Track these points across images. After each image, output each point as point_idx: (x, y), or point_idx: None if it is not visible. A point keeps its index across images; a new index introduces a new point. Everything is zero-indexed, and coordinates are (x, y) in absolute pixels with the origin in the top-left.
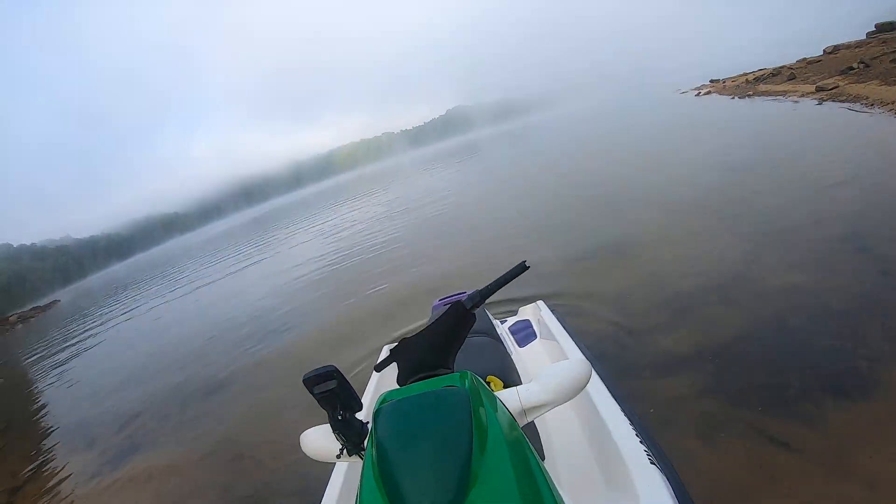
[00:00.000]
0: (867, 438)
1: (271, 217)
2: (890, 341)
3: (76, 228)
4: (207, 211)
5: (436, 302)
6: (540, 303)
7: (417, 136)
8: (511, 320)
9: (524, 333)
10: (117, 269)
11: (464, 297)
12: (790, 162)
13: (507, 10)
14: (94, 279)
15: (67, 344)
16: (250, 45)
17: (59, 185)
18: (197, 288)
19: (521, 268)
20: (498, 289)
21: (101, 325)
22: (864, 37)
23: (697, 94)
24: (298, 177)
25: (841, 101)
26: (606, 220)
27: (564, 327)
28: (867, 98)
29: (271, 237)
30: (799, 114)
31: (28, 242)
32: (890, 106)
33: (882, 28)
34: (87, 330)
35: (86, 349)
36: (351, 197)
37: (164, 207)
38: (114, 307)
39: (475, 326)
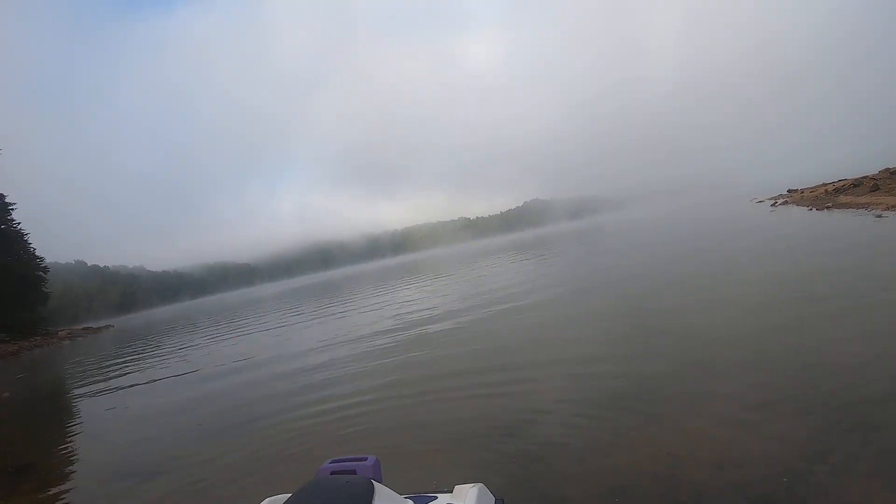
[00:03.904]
0: None
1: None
2: None
3: (151, 260)
4: (280, 268)
5: (325, 464)
6: (478, 487)
7: (493, 225)
8: (442, 499)
9: None
10: (187, 306)
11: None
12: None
13: (591, 114)
14: (159, 312)
15: (100, 375)
16: (343, 111)
17: (148, 217)
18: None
19: None
20: None
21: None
22: None
23: (773, 205)
24: (373, 249)
25: None
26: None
27: None
28: None
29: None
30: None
31: (101, 265)
32: None
33: None
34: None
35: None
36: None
37: (237, 257)
38: (159, 349)
39: None
